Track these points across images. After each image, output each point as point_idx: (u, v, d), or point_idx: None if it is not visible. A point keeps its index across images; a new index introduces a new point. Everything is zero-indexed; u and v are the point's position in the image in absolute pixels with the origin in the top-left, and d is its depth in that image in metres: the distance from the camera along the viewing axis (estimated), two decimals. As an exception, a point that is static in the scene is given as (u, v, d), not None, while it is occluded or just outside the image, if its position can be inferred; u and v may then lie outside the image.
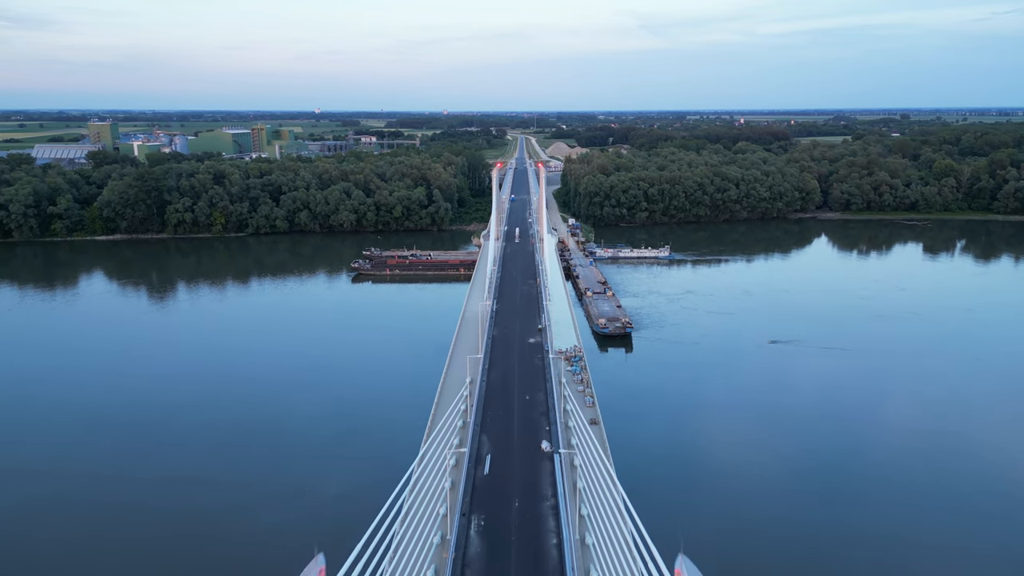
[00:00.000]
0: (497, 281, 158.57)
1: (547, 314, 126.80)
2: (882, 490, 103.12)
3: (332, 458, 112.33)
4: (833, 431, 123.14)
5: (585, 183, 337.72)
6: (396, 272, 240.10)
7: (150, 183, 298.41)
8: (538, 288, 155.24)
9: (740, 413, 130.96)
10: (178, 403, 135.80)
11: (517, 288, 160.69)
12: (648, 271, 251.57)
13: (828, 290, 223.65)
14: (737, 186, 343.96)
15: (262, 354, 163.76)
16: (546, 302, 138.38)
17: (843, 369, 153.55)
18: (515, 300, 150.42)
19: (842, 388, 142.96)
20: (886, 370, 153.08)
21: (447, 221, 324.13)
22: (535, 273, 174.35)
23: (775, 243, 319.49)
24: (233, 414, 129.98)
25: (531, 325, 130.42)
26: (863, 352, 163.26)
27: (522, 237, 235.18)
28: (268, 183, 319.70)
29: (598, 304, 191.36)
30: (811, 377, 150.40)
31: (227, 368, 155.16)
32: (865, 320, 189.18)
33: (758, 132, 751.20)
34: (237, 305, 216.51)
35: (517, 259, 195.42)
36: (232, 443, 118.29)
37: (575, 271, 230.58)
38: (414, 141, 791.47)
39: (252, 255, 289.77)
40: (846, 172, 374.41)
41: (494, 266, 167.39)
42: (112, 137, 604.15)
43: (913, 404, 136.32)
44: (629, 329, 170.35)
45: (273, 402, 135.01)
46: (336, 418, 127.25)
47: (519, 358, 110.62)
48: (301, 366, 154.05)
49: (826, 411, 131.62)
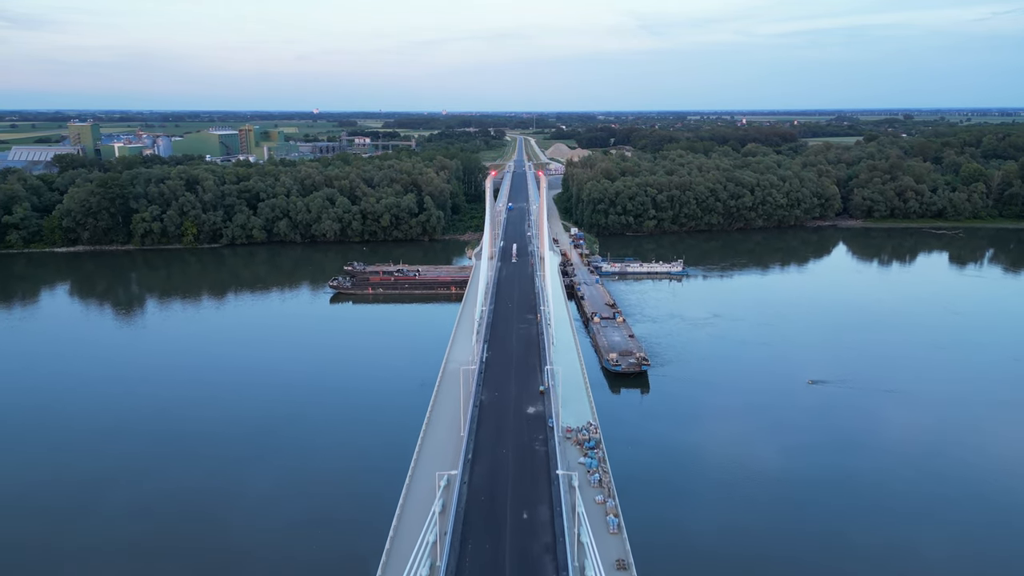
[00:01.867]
0: (489, 318, 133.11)
1: (550, 368, 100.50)
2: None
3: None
4: (943, 517, 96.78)
5: (588, 189, 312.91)
6: (380, 291, 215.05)
7: (114, 190, 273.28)
8: (539, 327, 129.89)
9: (811, 489, 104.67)
10: (102, 477, 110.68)
11: (513, 327, 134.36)
12: (661, 288, 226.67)
13: (871, 313, 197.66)
14: (752, 192, 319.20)
15: (213, 406, 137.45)
16: (549, 348, 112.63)
17: (918, 422, 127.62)
18: (510, 345, 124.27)
19: (928, 451, 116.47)
20: (971, 425, 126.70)
21: (439, 231, 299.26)
22: (535, 304, 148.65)
23: (793, 253, 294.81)
24: (166, 513, 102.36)
25: (530, 385, 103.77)
26: (933, 398, 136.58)
27: (520, 255, 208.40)
28: (245, 189, 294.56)
29: (607, 334, 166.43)
30: (878, 432, 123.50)
31: (171, 425, 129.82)
32: (922, 352, 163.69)
33: (765, 133, 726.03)
34: (196, 333, 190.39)
35: (514, 285, 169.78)
36: (157, 551, 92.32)
37: (579, 290, 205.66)
38: (410, 142, 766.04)
39: (225, 268, 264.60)
40: (867, 177, 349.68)
41: (486, 300, 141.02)
42: (93, 138, 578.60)
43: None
44: (645, 367, 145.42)
45: (218, 476, 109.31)
46: (289, 502, 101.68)
47: (514, 441, 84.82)
48: (257, 426, 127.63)
49: (913, 482, 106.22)
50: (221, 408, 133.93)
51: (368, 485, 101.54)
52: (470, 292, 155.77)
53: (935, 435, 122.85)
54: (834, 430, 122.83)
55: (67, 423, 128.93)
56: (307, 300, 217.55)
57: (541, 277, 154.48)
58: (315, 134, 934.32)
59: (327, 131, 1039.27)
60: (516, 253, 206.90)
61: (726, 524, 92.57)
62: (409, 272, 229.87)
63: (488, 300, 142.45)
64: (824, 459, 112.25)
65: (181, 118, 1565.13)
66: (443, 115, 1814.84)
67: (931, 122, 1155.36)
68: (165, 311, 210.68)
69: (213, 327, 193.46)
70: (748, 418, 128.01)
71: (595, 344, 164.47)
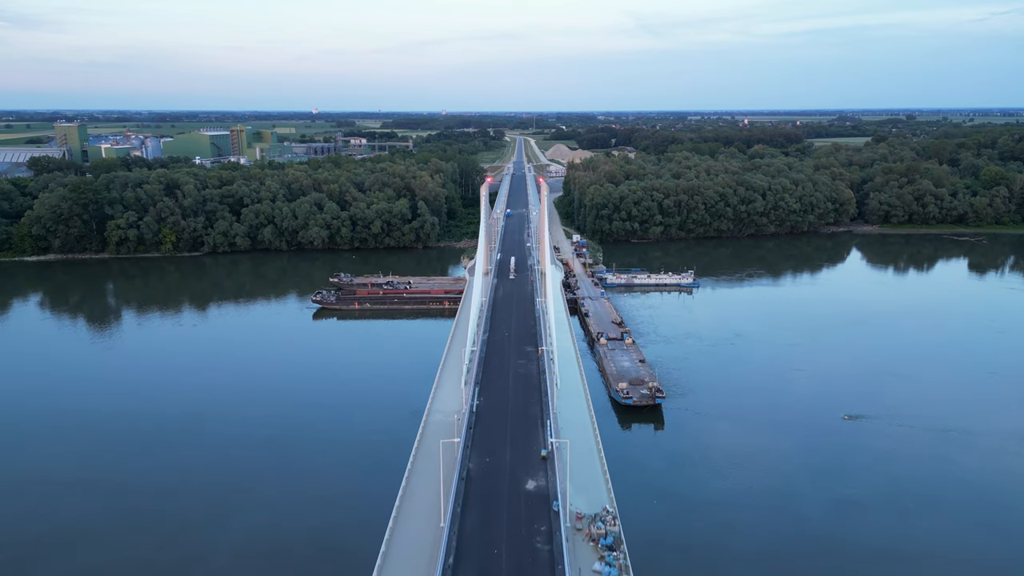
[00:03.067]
0: (482, 352, 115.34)
1: (554, 423, 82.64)
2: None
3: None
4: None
5: (591, 193, 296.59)
6: (367, 307, 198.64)
7: (87, 195, 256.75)
8: (540, 363, 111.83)
9: (876, 561, 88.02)
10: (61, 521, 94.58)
11: (509, 364, 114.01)
12: (671, 303, 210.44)
13: (905, 331, 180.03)
14: (763, 197, 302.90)
15: (164, 453, 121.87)
16: (552, 397, 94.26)
17: (995, 466, 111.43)
18: (505, 389, 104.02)
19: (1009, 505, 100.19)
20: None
21: (434, 237, 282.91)
22: (535, 332, 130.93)
23: (808, 261, 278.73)
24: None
25: (529, 447, 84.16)
26: (1002, 438, 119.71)
27: (519, 270, 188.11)
28: (228, 194, 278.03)
29: (615, 358, 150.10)
30: (943, 485, 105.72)
31: (117, 467, 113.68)
32: (974, 378, 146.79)
33: (769, 134, 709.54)
34: (165, 351, 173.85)
35: (511, 307, 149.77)
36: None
37: (583, 306, 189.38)
38: (407, 143, 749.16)
39: (206, 278, 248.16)
40: (883, 180, 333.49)
41: (479, 327, 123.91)
42: (80, 139, 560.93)
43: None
44: (660, 399, 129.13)
45: (168, 547, 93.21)
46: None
47: (509, 535, 66.52)
48: (217, 477, 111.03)
49: (1002, 549, 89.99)
50: (172, 452, 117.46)
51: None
52: (461, 315, 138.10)
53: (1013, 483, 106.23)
54: (889, 481, 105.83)
55: (30, 444, 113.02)
56: (288, 316, 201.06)
57: (542, 297, 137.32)
58: (312, 135, 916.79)
59: (325, 132, 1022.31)
60: (514, 268, 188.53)
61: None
62: (399, 284, 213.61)
63: (482, 326, 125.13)
64: (886, 521, 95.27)
65: (179, 118, 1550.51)
66: (442, 115, 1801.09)
67: (934, 122, 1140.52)
68: (137, 326, 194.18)
69: (184, 345, 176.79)
70: (783, 463, 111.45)
71: (602, 369, 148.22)
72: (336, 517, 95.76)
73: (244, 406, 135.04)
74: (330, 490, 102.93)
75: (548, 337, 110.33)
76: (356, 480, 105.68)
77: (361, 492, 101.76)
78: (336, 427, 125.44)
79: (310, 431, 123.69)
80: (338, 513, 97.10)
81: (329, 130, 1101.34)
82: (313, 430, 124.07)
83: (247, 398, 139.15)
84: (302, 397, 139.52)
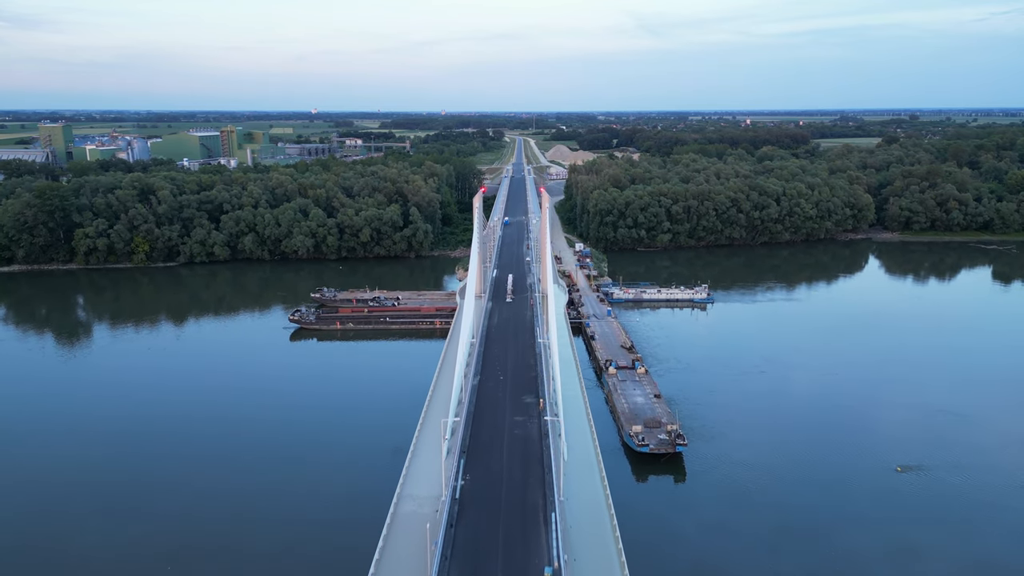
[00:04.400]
0: (470, 407, 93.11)
1: (560, 516, 63.37)
2: None
3: None
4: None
5: (595, 199, 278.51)
6: (350, 326, 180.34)
7: (53, 202, 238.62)
8: (541, 421, 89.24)
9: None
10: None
11: (504, 424, 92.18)
12: (684, 320, 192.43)
13: (951, 352, 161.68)
14: (778, 202, 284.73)
15: (93, 507, 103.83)
16: (558, 477, 73.65)
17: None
18: (499, 461, 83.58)
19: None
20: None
21: (427, 246, 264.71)
22: (535, 375, 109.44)
23: (824, 271, 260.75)
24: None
25: (528, 560, 64.44)
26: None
27: (517, 291, 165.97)
28: (207, 200, 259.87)
29: (627, 391, 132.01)
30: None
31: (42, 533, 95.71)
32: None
33: (775, 135, 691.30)
34: (110, 386, 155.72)
35: (507, 341, 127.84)
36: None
37: (589, 327, 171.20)
38: (404, 144, 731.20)
39: (182, 291, 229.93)
40: (902, 184, 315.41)
41: (468, 371, 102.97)
42: (65, 140, 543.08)
43: None
44: (681, 446, 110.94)
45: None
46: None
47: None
48: (157, 531, 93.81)
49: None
50: (93, 509, 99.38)
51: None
52: (449, 350, 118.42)
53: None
54: (972, 557, 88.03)
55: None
56: (263, 336, 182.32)
57: (544, 326, 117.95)
58: (310, 135, 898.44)
59: (323, 132, 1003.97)
60: (512, 288, 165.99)
61: None
62: (387, 301, 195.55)
63: (472, 367, 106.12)
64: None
65: (176, 118, 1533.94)
66: (442, 115, 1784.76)
67: (938, 123, 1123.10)
68: (89, 349, 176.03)
69: (146, 367, 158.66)
70: (838, 534, 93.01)
71: (611, 406, 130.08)
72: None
73: (201, 446, 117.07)
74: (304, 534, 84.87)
75: (551, 382, 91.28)
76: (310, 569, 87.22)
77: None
78: (305, 475, 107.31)
79: (276, 478, 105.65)
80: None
81: (327, 130, 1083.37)
82: (281, 476, 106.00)
83: (206, 435, 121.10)
84: (273, 433, 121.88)
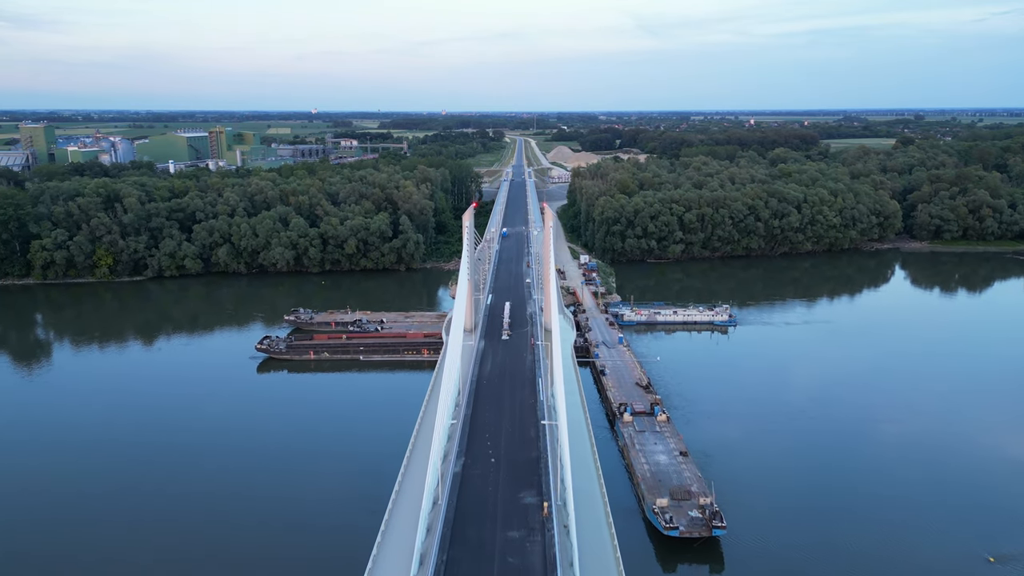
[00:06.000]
0: (446, 515, 67.54)
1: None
2: None
3: None
4: None
5: (601, 206, 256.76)
6: (325, 356, 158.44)
7: (7, 211, 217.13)
8: (547, 541, 64.29)
9: None
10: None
11: (494, 541, 65.35)
12: (704, 347, 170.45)
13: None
14: (799, 210, 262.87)
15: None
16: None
17: None
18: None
19: None
20: None
21: (418, 258, 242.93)
22: (538, 455, 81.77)
23: (851, 284, 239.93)
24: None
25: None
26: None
27: (515, 324, 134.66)
28: (178, 208, 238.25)
29: (647, 447, 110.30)
30: None
31: None
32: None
33: (784, 135, 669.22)
34: (49, 420, 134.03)
35: (502, 402, 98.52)
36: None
37: (597, 358, 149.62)
38: (401, 145, 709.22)
39: (146, 309, 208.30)
40: (930, 190, 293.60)
41: (451, 448, 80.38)
42: (47, 141, 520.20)
43: None
44: (719, 529, 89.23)
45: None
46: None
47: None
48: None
49: None
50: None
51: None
52: (425, 421, 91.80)
53: None
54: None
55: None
56: (227, 368, 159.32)
57: (547, 377, 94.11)
58: (307, 135, 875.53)
59: (320, 132, 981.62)
60: (509, 321, 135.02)
61: None
62: (369, 325, 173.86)
63: (456, 441, 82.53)
64: None
65: (175, 118, 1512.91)
66: (442, 115, 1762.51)
67: (945, 123, 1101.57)
68: (28, 378, 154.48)
69: (94, 399, 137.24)
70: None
71: (628, 464, 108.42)
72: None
73: (139, 500, 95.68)
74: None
75: (559, 477, 68.18)
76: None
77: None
78: (263, 539, 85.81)
79: (227, 540, 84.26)
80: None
81: (325, 131, 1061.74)
82: (233, 539, 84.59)
83: (146, 487, 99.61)
84: (226, 484, 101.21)
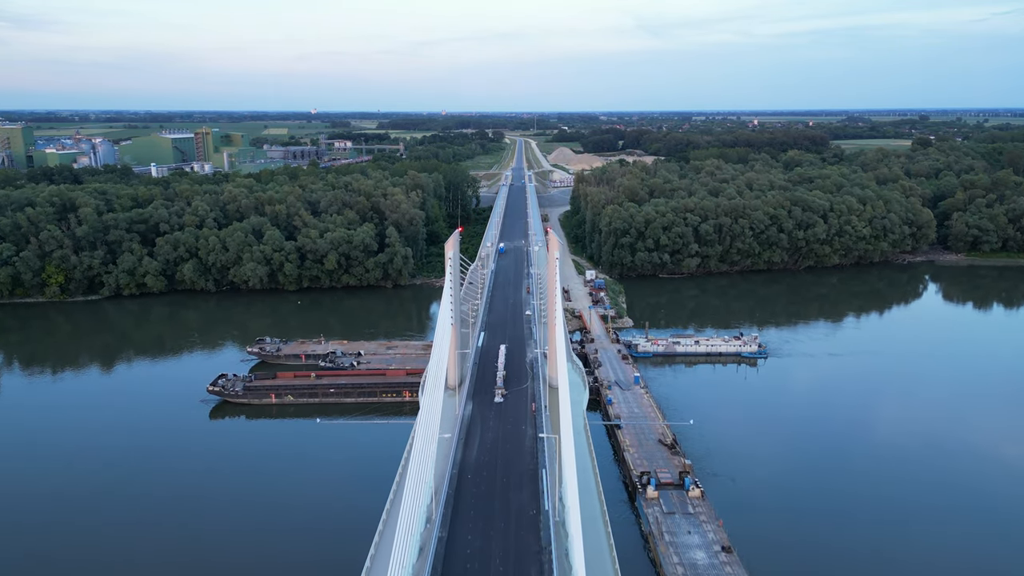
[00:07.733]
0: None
1: None
2: None
3: None
4: None
5: (608, 215, 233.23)
6: (289, 399, 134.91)
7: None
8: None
9: None
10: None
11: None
12: (732, 384, 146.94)
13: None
14: (825, 219, 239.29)
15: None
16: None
17: None
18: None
19: None
20: None
21: (407, 274, 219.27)
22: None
23: (883, 301, 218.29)
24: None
25: None
26: None
27: (511, 379, 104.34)
28: (139, 219, 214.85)
29: (678, 536, 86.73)
30: None
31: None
32: None
33: (793, 136, 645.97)
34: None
35: (493, 507, 70.19)
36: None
37: (610, 403, 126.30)
38: (398, 146, 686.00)
39: (99, 332, 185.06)
40: (964, 197, 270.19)
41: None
42: (25, 143, 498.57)
43: None
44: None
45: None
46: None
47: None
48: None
49: None
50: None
51: None
52: (381, 546, 62.97)
53: None
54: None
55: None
56: (174, 413, 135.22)
57: (554, 476, 68.98)
58: (303, 136, 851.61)
59: (318, 133, 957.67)
60: (503, 375, 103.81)
61: None
62: (344, 359, 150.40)
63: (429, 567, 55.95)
64: None
65: (173, 118, 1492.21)
66: (442, 116, 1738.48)
67: (951, 123, 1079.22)
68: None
69: (22, 441, 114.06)
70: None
71: (655, 563, 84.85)
72: None
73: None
74: None
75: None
76: None
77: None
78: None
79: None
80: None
81: (325, 131, 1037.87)
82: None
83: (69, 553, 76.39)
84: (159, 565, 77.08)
